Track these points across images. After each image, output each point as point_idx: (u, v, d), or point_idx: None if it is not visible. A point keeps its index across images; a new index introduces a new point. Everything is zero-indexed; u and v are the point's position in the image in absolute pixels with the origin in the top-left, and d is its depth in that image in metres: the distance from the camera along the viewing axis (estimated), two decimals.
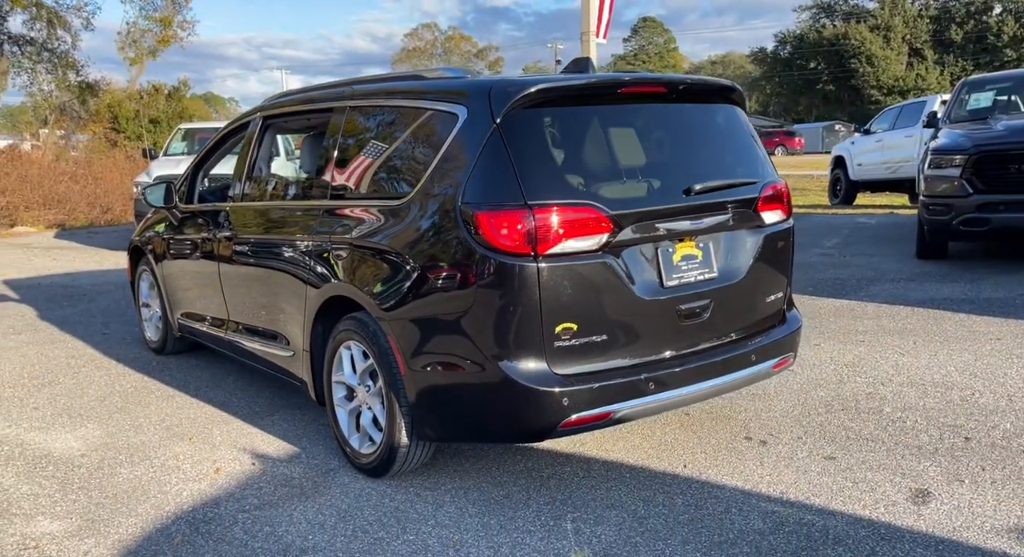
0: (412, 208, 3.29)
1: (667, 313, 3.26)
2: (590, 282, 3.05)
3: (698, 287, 3.36)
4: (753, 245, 3.59)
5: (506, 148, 3.06)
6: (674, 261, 3.31)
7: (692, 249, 3.38)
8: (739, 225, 3.56)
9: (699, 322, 3.36)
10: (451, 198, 3.12)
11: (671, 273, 3.29)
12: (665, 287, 3.26)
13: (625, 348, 3.17)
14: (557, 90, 3.23)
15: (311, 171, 4.12)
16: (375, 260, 3.42)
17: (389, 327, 3.30)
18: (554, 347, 3.03)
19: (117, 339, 6.33)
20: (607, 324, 3.11)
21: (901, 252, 9.24)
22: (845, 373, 4.85)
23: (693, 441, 3.89)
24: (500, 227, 2.98)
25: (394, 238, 3.33)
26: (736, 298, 3.52)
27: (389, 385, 3.33)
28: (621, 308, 3.14)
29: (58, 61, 25.22)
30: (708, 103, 3.71)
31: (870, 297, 6.91)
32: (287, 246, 3.98)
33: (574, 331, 3.03)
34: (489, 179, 3.07)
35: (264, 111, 4.63)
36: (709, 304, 3.37)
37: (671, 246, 3.31)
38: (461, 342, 3.09)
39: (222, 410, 4.53)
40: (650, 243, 3.24)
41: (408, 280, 3.24)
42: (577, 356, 3.07)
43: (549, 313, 3.00)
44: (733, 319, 3.53)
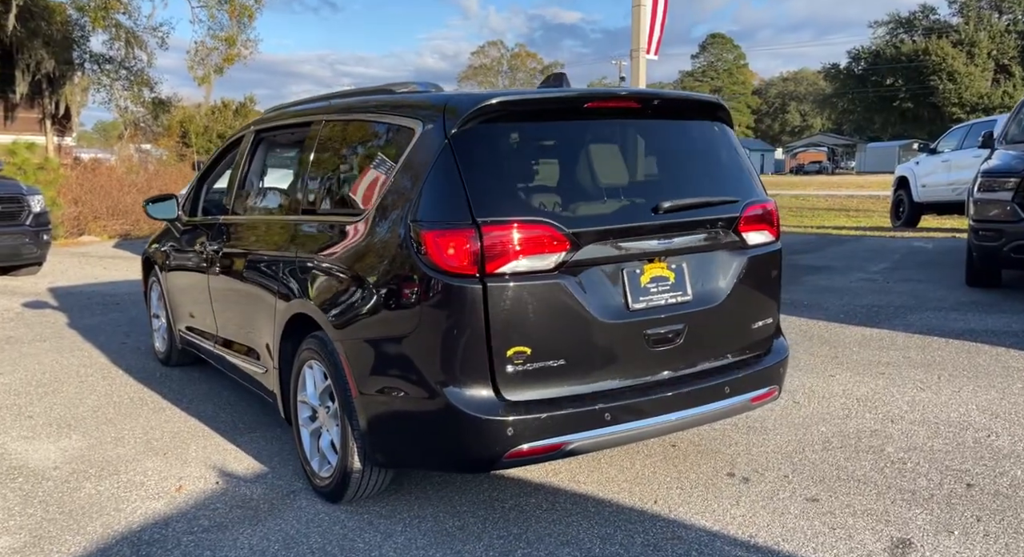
0: (368, 225, 3.21)
1: (633, 338, 3.10)
2: (545, 304, 2.91)
3: (670, 311, 3.18)
4: (734, 268, 3.39)
5: (457, 165, 2.96)
6: (642, 283, 3.14)
7: (663, 271, 3.20)
8: (718, 246, 3.37)
9: (671, 348, 3.19)
10: (402, 216, 3.03)
11: (638, 295, 3.12)
12: (631, 310, 3.10)
13: (586, 374, 3.02)
14: (517, 104, 3.12)
15: (288, 186, 4.10)
16: (331, 278, 3.36)
17: (342, 348, 3.23)
18: (505, 372, 2.89)
19: (132, 349, 6.44)
20: (564, 348, 2.96)
21: (951, 279, 8.76)
22: (854, 408, 4.56)
23: (672, 475, 3.69)
24: (446, 247, 2.88)
25: (348, 256, 3.26)
26: (715, 324, 3.32)
27: (343, 407, 3.25)
28: (580, 332, 2.98)
29: (134, 78, 26.24)
30: (688, 119, 3.54)
31: (904, 327, 6.54)
32: (263, 262, 3.95)
33: (527, 355, 2.89)
34: (438, 197, 2.98)
35: (257, 124, 4.64)
36: (683, 329, 3.19)
37: (639, 267, 3.14)
38: (408, 366, 2.99)
39: (207, 424, 4.53)
40: (614, 263, 3.09)
41: (360, 300, 3.16)
42: (531, 382, 2.92)
43: (498, 337, 2.87)
44: (712, 346, 3.34)
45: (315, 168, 3.79)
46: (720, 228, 3.37)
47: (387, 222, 3.11)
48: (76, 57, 25.77)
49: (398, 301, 3.01)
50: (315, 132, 3.89)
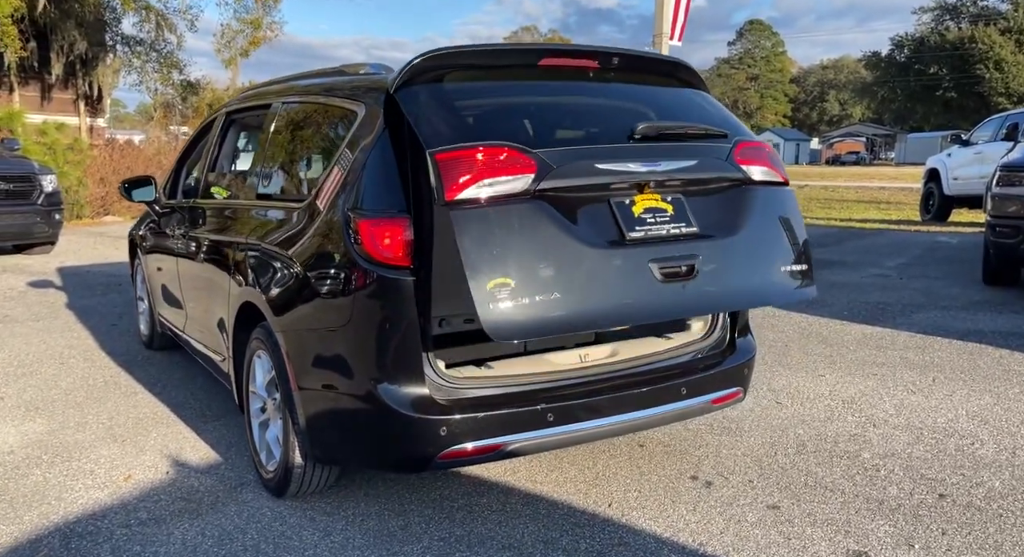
0: (310, 213, 3.11)
1: (637, 268, 2.74)
2: (520, 230, 2.60)
3: (676, 241, 2.85)
4: (742, 203, 3.04)
5: (395, 151, 2.83)
6: (635, 213, 2.84)
7: (657, 202, 2.90)
8: (716, 178, 3.06)
9: (689, 285, 2.81)
10: (341, 204, 2.92)
11: (633, 225, 2.80)
12: (629, 240, 2.76)
13: (588, 306, 2.65)
14: (459, 60, 2.95)
15: (247, 170, 4.02)
16: (273, 266, 3.27)
17: (283, 339, 3.14)
18: (489, 307, 2.56)
19: (121, 331, 6.44)
20: (555, 279, 2.60)
21: (968, 276, 8.46)
22: (838, 410, 4.38)
23: (633, 476, 3.55)
24: (381, 237, 2.76)
25: (290, 244, 3.16)
26: (734, 260, 2.95)
27: (284, 401, 3.17)
28: (570, 260, 2.64)
29: (164, 60, 26.51)
30: (657, 85, 3.35)
31: (908, 325, 6.30)
32: (221, 247, 3.88)
33: (512, 287, 2.53)
34: (375, 183, 2.86)
35: (228, 106, 4.56)
36: (696, 263, 2.82)
37: (628, 197, 2.85)
38: (343, 361, 2.89)
39: (174, 411, 4.48)
40: (597, 192, 2.79)
41: (299, 291, 3.06)
42: (524, 314, 2.54)
43: (472, 268, 2.56)
44: (736, 283, 2.96)
45: (269, 152, 3.70)
46: (713, 157, 3.07)
47: (327, 210, 3.00)
48: (108, 39, 26.08)
49: (334, 293, 2.90)
50: (272, 115, 3.80)
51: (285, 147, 3.60)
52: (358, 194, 2.86)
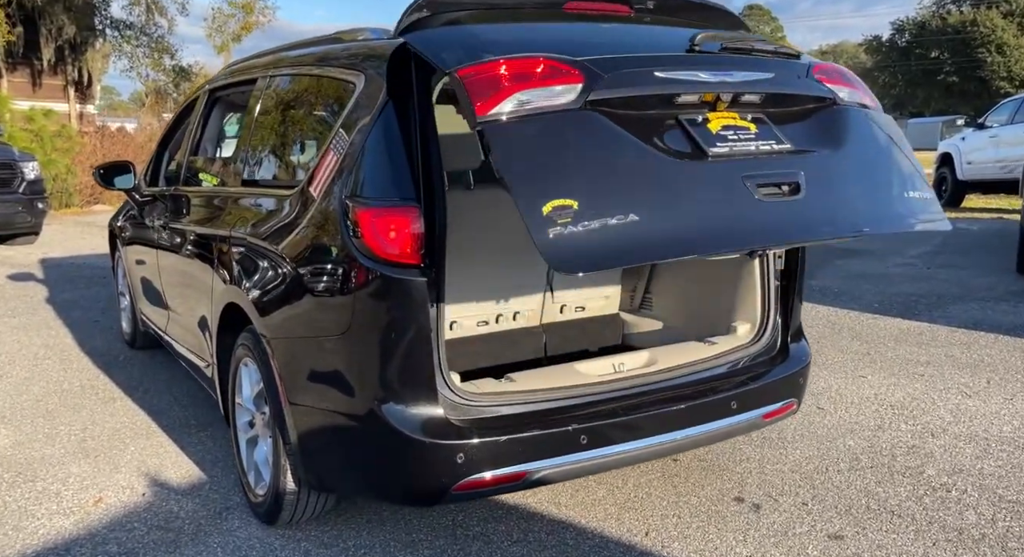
0: (302, 201, 2.68)
1: (727, 183, 2.23)
2: (578, 143, 2.17)
3: (769, 158, 2.35)
4: (838, 123, 2.55)
5: (401, 127, 2.40)
6: (712, 130, 2.36)
7: (736, 120, 2.42)
8: (797, 92, 2.56)
9: (796, 203, 2.27)
10: (338, 191, 2.49)
11: (714, 141, 2.31)
12: (712, 156, 2.26)
13: (679, 229, 2.15)
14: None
15: (232, 153, 3.58)
16: (261, 263, 2.83)
17: (272, 347, 2.71)
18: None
19: (103, 328, 6.01)
20: (629, 197, 2.12)
21: (999, 265, 8.04)
22: (888, 417, 3.96)
23: (670, 498, 3.14)
24: (385, 230, 2.33)
25: (280, 238, 2.73)
26: (847, 179, 2.47)
27: (274, 417, 2.74)
28: (643, 176, 2.17)
29: (154, 45, 25.91)
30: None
31: (946, 319, 5.88)
32: (204, 240, 3.45)
33: (575, 210, 2.00)
34: (378, 166, 2.43)
35: (212, 83, 4.11)
36: (800, 178, 2.29)
37: (698, 115, 2.36)
38: (340, 375, 2.47)
39: (155, 420, 4.06)
40: (661, 108, 2.32)
41: (290, 292, 2.63)
42: (597, 244, 1.99)
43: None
44: (854, 204, 2.44)
45: (255, 132, 3.26)
46: (791, 72, 2.59)
47: (322, 198, 2.57)
48: (97, 23, 25.48)
49: (330, 295, 2.48)
50: (258, 90, 3.35)
51: (273, 127, 3.16)
52: (358, 179, 2.43)
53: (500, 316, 3.39)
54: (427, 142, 2.39)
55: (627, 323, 3.67)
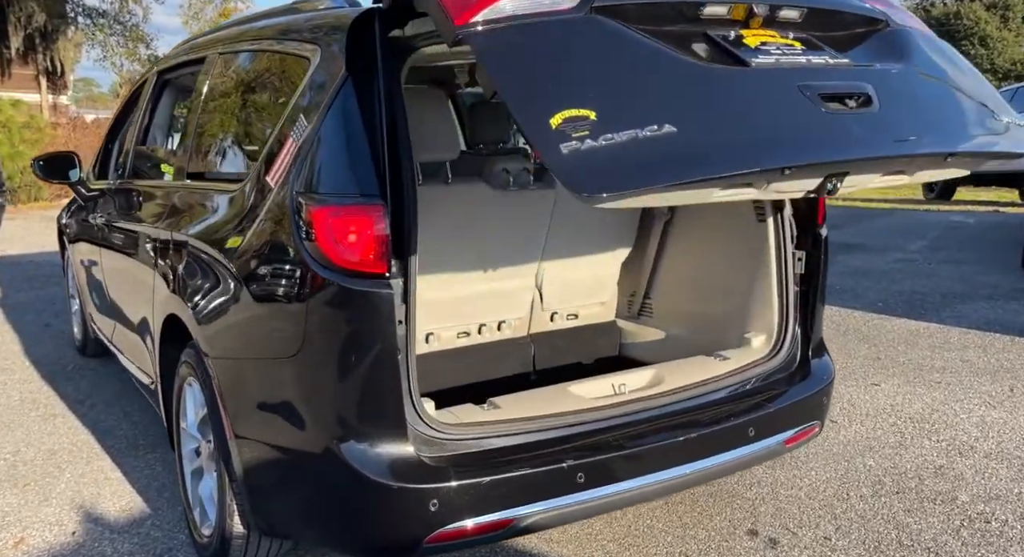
0: (249, 196, 2.28)
1: (787, 94, 1.82)
2: (588, 49, 1.78)
3: (824, 67, 1.96)
4: (897, 43, 2.15)
5: (362, 109, 2.01)
6: (750, 44, 1.94)
7: (777, 39, 1.99)
8: (842, 9, 2.16)
9: (868, 115, 1.86)
10: (289, 185, 2.09)
11: (754, 54, 1.90)
12: (753, 66, 1.85)
13: (722, 140, 1.72)
14: None
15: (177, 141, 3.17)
16: (203, 269, 2.44)
17: (214, 369, 2.31)
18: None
19: (55, 333, 5.57)
20: (659, 104, 1.72)
21: (1002, 261, 7.74)
22: (909, 431, 3.62)
23: (675, 531, 2.78)
24: (344, 233, 1.94)
25: (224, 239, 2.34)
26: (919, 93, 2.08)
27: (219, 449, 2.35)
28: (672, 82, 1.77)
29: (128, 34, 25.21)
30: None
31: (956, 319, 5.56)
32: (145, 240, 3.04)
33: (592, 120, 1.58)
34: (335, 155, 2.04)
35: (160, 65, 3.70)
36: (869, 89, 1.89)
37: (730, 32, 1.95)
38: (291, 405, 2.08)
39: (98, 440, 3.65)
40: (682, 22, 1.91)
41: (235, 304, 2.24)
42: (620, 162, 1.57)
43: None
44: (929, 117, 2.05)
45: (201, 119, 2.85)
46: None
47: (271, 193, 2.17)
48: (69, 10, 24.73)
49: (280, 311, 2.09)
50: (207, 70, 2.94)
51: (220, 112, 2.77)
52: (311, 172, 2.04)
53: (483, 326, 3.01)
54: (395, 128, 2.01)
55: (624, 332, 3.30)
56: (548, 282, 3.06)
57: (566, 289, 3.12)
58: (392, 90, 2.04)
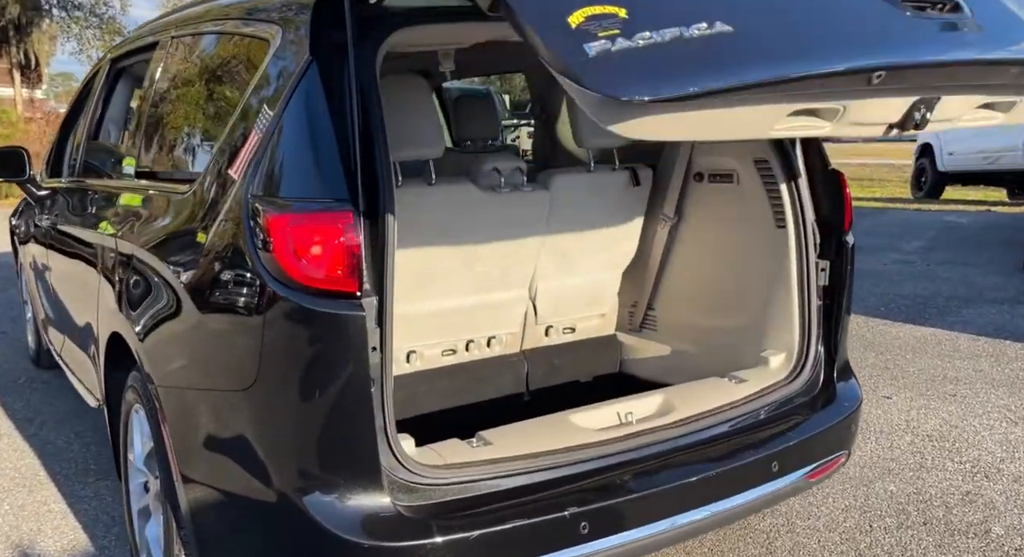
0: (199, 199, 1.97)
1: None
2: None
3: None
4: None
5: (329, 100, 1.70)
6: None
7: None
8: None
9: (952, 17, 1.56)
10: (241, 184, 1.79)
11: None
12: None
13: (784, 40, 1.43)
14: None
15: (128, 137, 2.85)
16: (148, 283, 2.13)
17: (160, 399, 2.00)
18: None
19: (11, 341, 5.22)
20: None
21: (1002, 262, 7.53)
22: (928, 451, 3.36)
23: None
24: (306, 244, 1.64)
25: (171, 249, 2.03)
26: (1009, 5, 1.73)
27: (164, 490, 2.04)
28: None
29: (105, 27, 24.69)
30: None
31: (963, 325, 5.31)
32: (92, 246, 2.72)
33: (621, 19, 1.28)
34: (297, 154, 1.73)
35: (113, 52, 3.37)
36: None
37: None
38: (246, 446, 1.77)
39: (45, 464, 3.32)
40: None
41: (181, 326, 1.94)
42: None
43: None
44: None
45: (152, 110, 2.54)
46: None
47: (224, 196, 1.87)
48: (43, 2, 24.19)
49: (233, 335, 1.79)
50: (159, 56, 2.62)
51: (171, 103, 2.45)
52: (269, 171, 1.74)
53: (471, 343, 2.71)
54: (369, 121, 1.71)
55: (626, 347, 3.01)
56: (543, 293, 2.76)
57: (563, 300, 2.83)
58: (365, 78, 1.74)
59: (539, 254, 2.65)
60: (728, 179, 2.63)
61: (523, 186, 2.53)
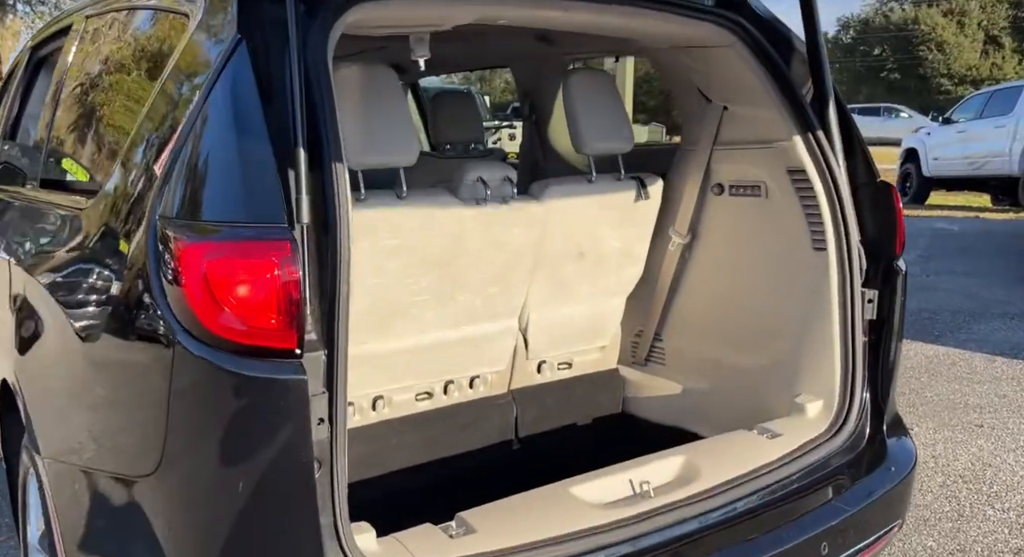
0: (98, 215, 1.54)
1: None
2: None
3: None
4: None
5: (263, 92, 1.29)
6: None
7: None
8: None
9: None
10: (149, 201, 1.36)
11: None
12: None
13: None
14: None
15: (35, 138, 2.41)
16: (40, 325, 1.68)
17: (48, 476, 1.56)
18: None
19: None
20: None
21: (1001, 271, 7.25)
22: (964, 495, 2.99)
23: None
24: (227, 284, 1.23)
25: (58, 284, 1.59)
26: None
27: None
28: None
29: None
30: None
31: (976, 343, 4.98)
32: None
33: None
34: (215, 163, 1.31)
35: (34, 39, 2.92)
36: None
37: None
38: (152, 549, 1.34)
39: None
40: None
41: (70, 383, 1.50)
42: None
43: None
44: None
45: (59, 105, 2.10)
46: None
47: (128, 215, 1.44)
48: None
49: (134, 404, 1.35)
50: (71, 41, 2.18)
51: (77, 98, 2.01)
52: (182, 185, 1.31)
53: (450, 384, 2.28)
54: (317, 120, 1.30)
55: (629, 383, 2.60)
56: (535, 324, 2.34)
57: (558, 332, 2.41)
58: (314, 64, 1.33)
59: (531, 279, 2.23)
60: (754, 191, 2.23)
61: (513, 198, 2.11)
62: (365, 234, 1.82)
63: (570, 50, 3.00)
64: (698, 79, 2.32)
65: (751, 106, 2.17)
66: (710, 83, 2.29)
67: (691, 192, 2.37)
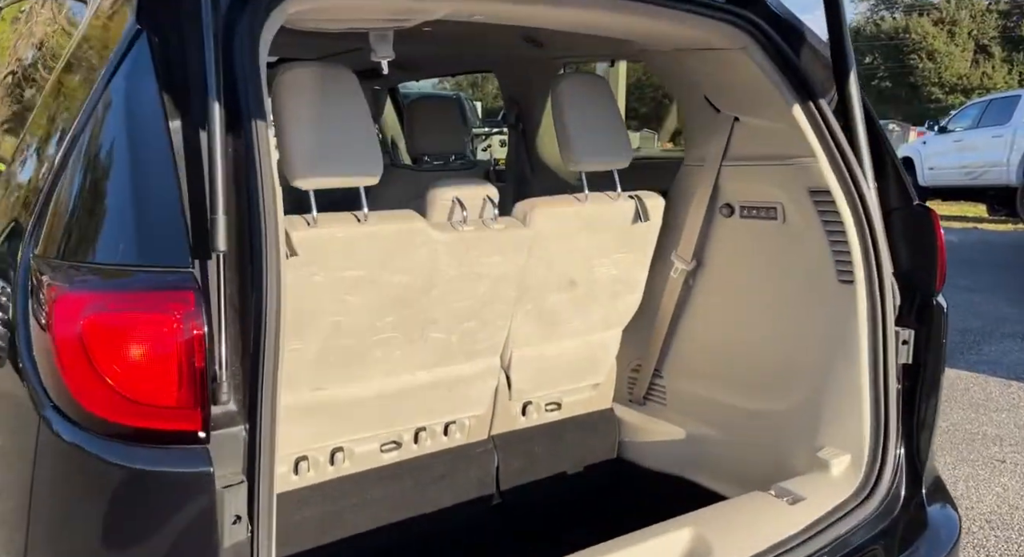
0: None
1: None
2: None
3: None
4: None
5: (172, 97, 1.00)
6: None
7: None
8: None
9: None
10: (21, 237, 1.07)
11: None
12: None
13: None
14: None
15: None
16: None
17: None
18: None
19: None
20: None
21: (1007, 287, 7.02)
22: (992, 544, 2.73)
23: None
24: (114, 348, 0.93)
25: None
26: None
27: None
28: None
29: None
30: None
31: (989, 366, 4.73)
32: None
33: None
34: (107, 189, 1.03)
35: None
36: None
37: None
38: None
39: None
40: None
41: None
42: None
43: None
44: None
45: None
46: None
47: (2, 247, 1.15)
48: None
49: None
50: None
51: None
52: (58, 218, 1.02)
53: (421, 432, 1.99)
54: (242, 130, 1.02)
55: (625, 425, 2.32)
56: (520, 361, 2.06)
57: (546, 370, 2.13)
58: (240, 64, 1.05)
59: (515, 312, 1.95)
60: (769, 214, 1.96)
61: (493, 222, 1.83)
62: (320, 264, 1.54)
63: (560, 53, 2.72)
64: (705, 86, 2.05)
65: (766, 117, 1.90)
66: (719, 91, 2.02)
67: (696, 213, 2.09)
